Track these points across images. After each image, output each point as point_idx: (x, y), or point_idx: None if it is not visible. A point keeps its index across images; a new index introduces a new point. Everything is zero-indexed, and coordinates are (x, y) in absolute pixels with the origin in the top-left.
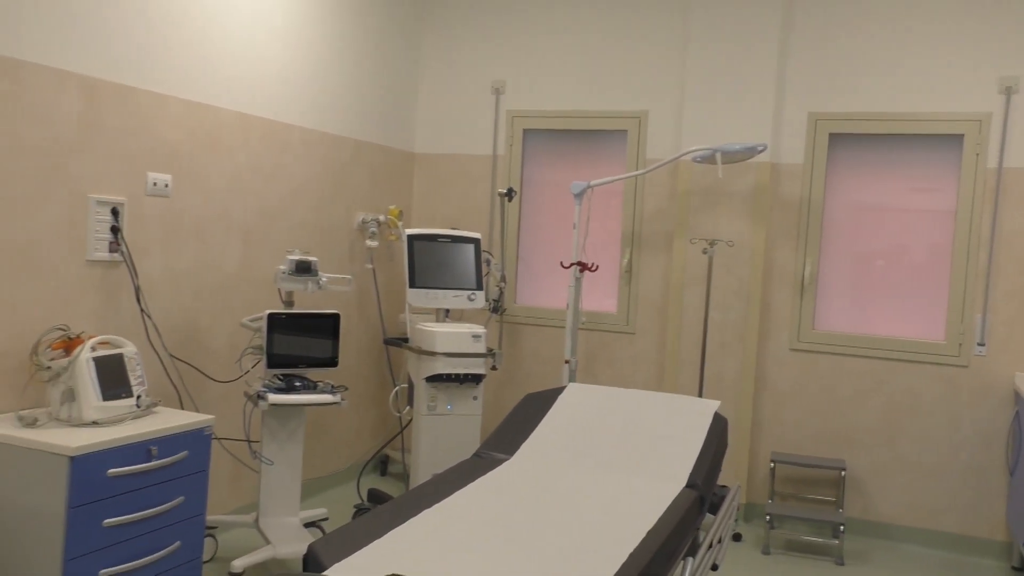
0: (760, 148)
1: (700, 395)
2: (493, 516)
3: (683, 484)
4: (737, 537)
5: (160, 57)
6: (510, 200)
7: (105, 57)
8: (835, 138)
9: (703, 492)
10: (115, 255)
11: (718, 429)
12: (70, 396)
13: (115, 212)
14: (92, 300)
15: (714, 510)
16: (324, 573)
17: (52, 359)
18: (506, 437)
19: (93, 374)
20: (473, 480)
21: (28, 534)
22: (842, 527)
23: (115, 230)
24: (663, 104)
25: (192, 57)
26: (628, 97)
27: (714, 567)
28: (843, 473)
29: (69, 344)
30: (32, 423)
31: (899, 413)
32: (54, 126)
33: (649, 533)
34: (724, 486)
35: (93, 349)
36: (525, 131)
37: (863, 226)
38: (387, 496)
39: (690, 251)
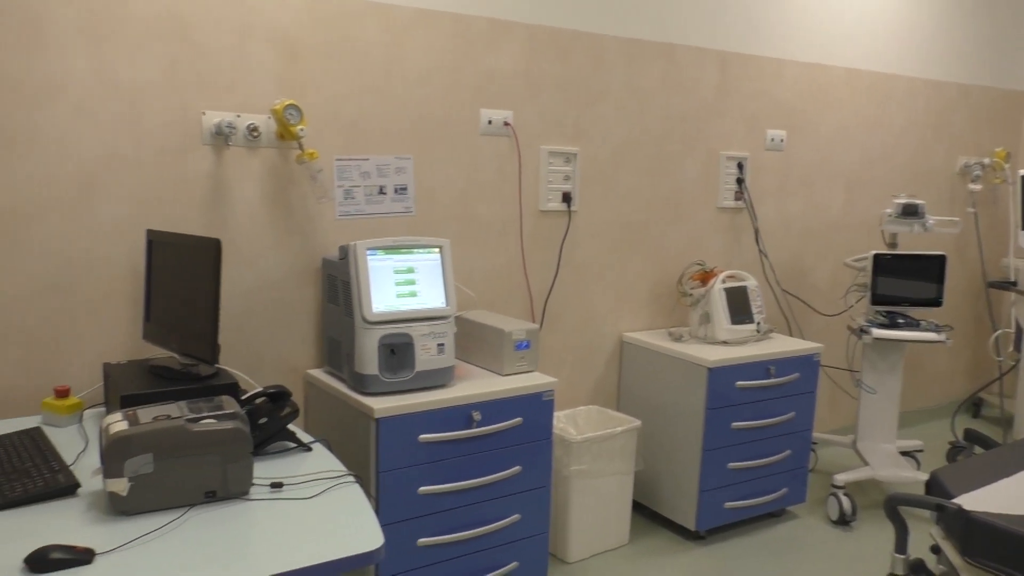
0: None
1: None
2: None
3: None
4: None
5: (778, 26)
6: None
7: (734, 32)
8: None
9: None
10: (739, 202)
11: None
12: (706, 319)
13: (740, 166)
14: (721, 240)
15: None
16: (953, 500)
17: (692, 288)
18: None
19: (724, 302)
20: None
21: (678, 425)
22: None
23: (739, 181)
24: None
25: (805, 22)
26: None
27: None
28: None
29: (705, 276)
30: (678, 338)
31: None
32: (696, 95)
33: None
34: None
35: (723, 281)
36: None
37: None
38: (987, 438)
39: None
